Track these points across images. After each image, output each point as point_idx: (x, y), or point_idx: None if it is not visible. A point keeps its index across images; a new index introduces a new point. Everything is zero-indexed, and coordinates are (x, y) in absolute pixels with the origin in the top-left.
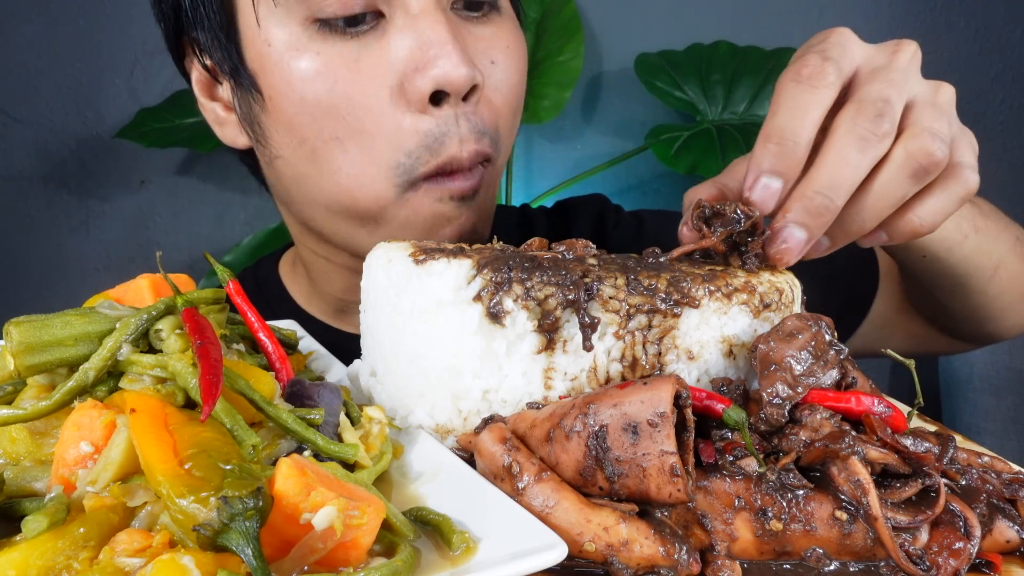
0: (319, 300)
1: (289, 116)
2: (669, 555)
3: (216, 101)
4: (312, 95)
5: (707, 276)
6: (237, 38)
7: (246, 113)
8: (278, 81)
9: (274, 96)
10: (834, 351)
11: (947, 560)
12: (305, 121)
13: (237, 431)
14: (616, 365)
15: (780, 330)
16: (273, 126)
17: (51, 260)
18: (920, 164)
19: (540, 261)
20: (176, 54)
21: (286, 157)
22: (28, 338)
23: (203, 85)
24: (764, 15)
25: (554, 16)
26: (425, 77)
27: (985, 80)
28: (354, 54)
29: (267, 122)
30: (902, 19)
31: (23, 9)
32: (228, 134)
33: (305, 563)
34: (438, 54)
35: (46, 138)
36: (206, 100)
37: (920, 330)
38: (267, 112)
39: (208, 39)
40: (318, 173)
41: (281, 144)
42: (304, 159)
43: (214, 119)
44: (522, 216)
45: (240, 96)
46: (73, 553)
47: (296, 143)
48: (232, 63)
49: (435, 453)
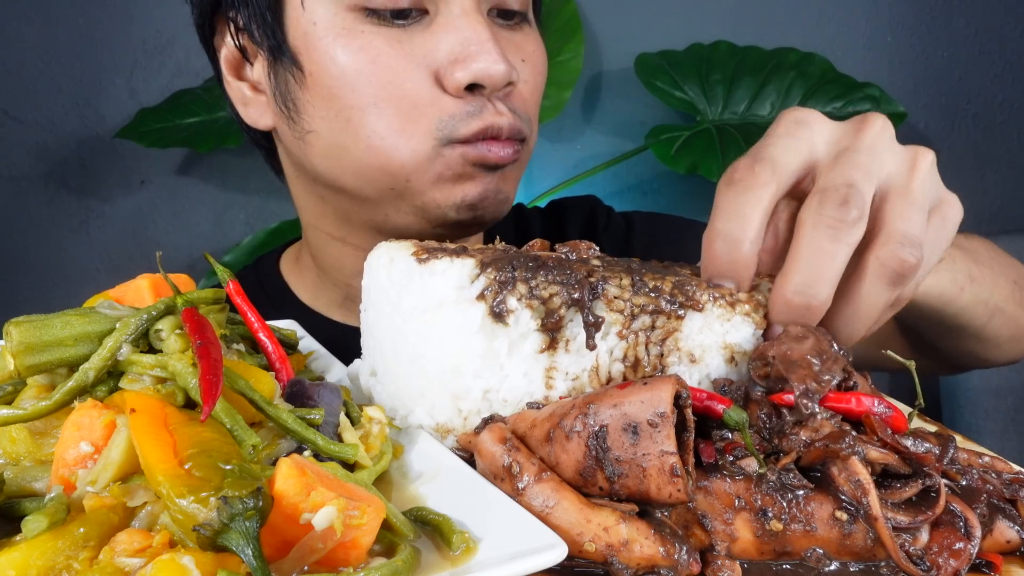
0: (326, 291)
1: (329, 88)
2: (669, 555)
3: (243, 81)
4: (354, 66)
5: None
6: (281, 17)
7: (282, 90)
8: (321, 56)
9: (315, 71)
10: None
11: (947, 560)
12: (344, 93)
13: (237, 431)
14: (618, 365)
15: (788, 334)
16: (311, 100)
17: (51, 260)
18: (895, 271)
19: (544, 260)
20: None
21: (319, 130)
22: (28, 338)
23: (231, 64)
24: (764, 15)
25: (554, 16)
26: (466, 70)
27: (985, 80)
28: (397, 37)
29: (304, 97)
30: (902, 19)
31: (23, 9)
32: (251, 114)
33: (305, 563)
34: (480, 51)
35: (46, 138)
36: (233, 79)
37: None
38: (306, 87)
39: (250, 17)
40: (352, 141)
41: (316, 117)
42: (339, 130)
43: (239, 98)
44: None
45: (277, 73)
46: (73, 553)
47: (333, 114)
48: (276, 41)
49: (435, 453)
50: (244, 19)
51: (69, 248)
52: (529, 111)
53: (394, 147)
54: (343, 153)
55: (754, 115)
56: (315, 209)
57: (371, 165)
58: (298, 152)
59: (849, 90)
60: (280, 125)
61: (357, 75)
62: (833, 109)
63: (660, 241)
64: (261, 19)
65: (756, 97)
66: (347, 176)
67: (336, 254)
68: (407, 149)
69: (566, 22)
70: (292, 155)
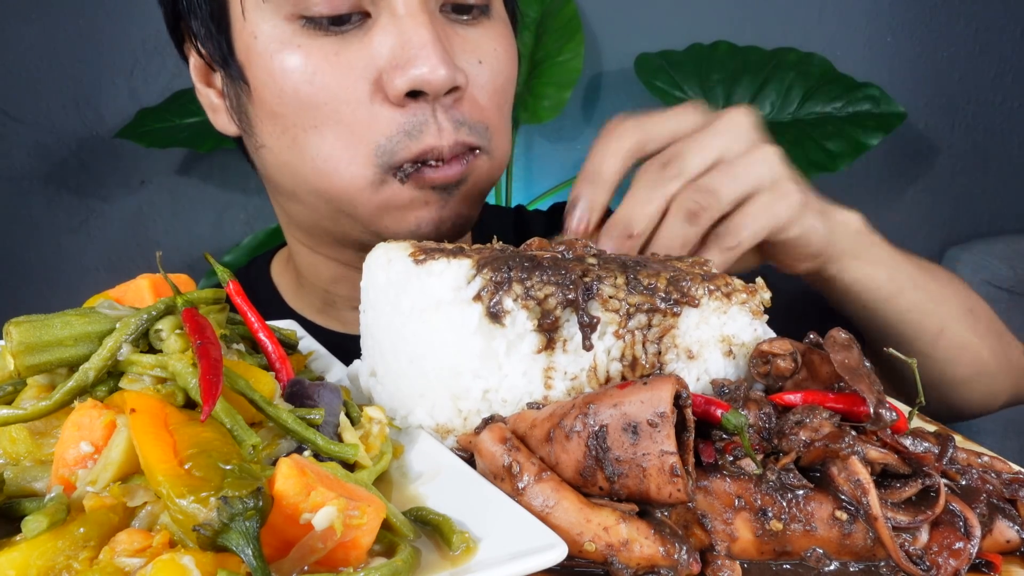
0: (306, 294)
1: (271, 106)
2: (669, 555)
3: (211, 87)
4: (292, 87)
5: (706, 275)
6: (228, 29)
7: (234, 102)
8: (261, 72)
9: (258, 87)
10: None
11: (947, 560)
12: (286, 111)
13: (237, 431)
14: (616, 364)
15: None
16: (258, 115)
17: (51, 260)
18: (688, 210)
19: (540, 260)
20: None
21: (270, 146)
22: (28, 338)
23: (199, 71)
24: (764, 15)
25: (554, 16)
26: (404, 76)
27: (985, 80)
28: (335, 48)
29: (253, 111)
30: (902, 19)
31: (23, 9)
32: (220, 121)
33: (305, 563)
34: (418, 55)
35: (46, 138)
36: (202, 86)
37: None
38: (253, 102)
39: (200, 28)
40: (299, 161)
41: (265, 133)
42: (286, 148)
43: (208, 105)
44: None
45: (229, 85)
46: (73, 553)
47: (279, 132)
48: (222, 53)
49: (435, 453)
50: (196, 28)
51: (69, 248)
52: (486, 117)
53: (335, 171)
54: (292, 171)
55: None
56: (284, 219)
57: (318, 187)
58: (257, 163)
59: (849, 90)
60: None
61: (295, 94)
62: (833, 109)
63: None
64: (208, 30)
65: (756, 97)
66: (300, 192)
67: (310, 260)
68: (348, 175)
69: (566, 22)
70: (256, 165)
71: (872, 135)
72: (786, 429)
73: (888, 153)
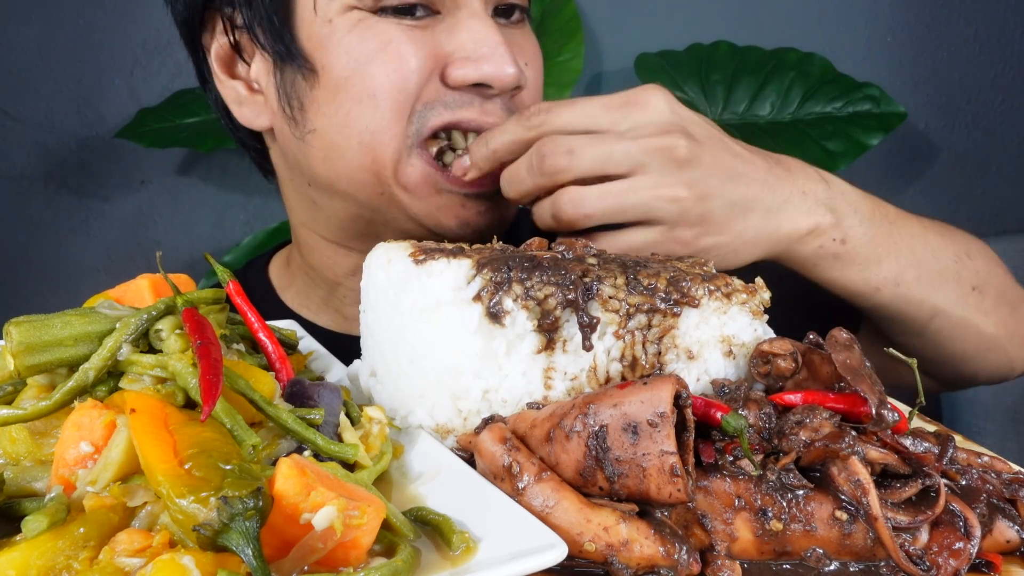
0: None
1: (337, 80)
2: (669, 555)
3: (236, 79)
4: (367, 53)
5: (706, 276)
6: (291, 20)
7: (287, 90)
8: (335, 48)
9: (328, 64)
10: None
11: (947, 560)
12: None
13: (237, 431)
14: (616, 365)
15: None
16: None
17: (51, 260)
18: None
19: (540, 261)
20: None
21: (320, 129)
22: (28, 338)
23: (224, 61)
24: (764, 15)
25: (554, 16)
26: (477, 69)
27: (985, 80)
28: (407, 36)
29: (311, 96)
30: (902, 19)
31: (23, 9)
32: (247, 114)
33: (305, 563)
34: (492, 53)
35: (46, 138)
36: (225, 77)
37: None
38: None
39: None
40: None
41: (320, 115)
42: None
43: (233, 97)
44: None
45: (284, 73)
46: (73, 553)
47: (333, 110)
48: (283, 44)
49: (435, 453)
50: (245, 18)
51: (69, 248)
52: None
53: (379, 142)
54: (338, 155)
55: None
56: (307, 212)
57: (361, 165)
58: (296, 153)
59: (849, 90)
60: (279, 125)
61: (369, 61)
62: (833, 109)
63: None
64: (267, 22)
65: (756, 97)
66: (342, 181)
67: (329, 253)
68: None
69: (566, 22)
70: (289, 157)
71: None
72: (786, 429)
73: (888, 153)
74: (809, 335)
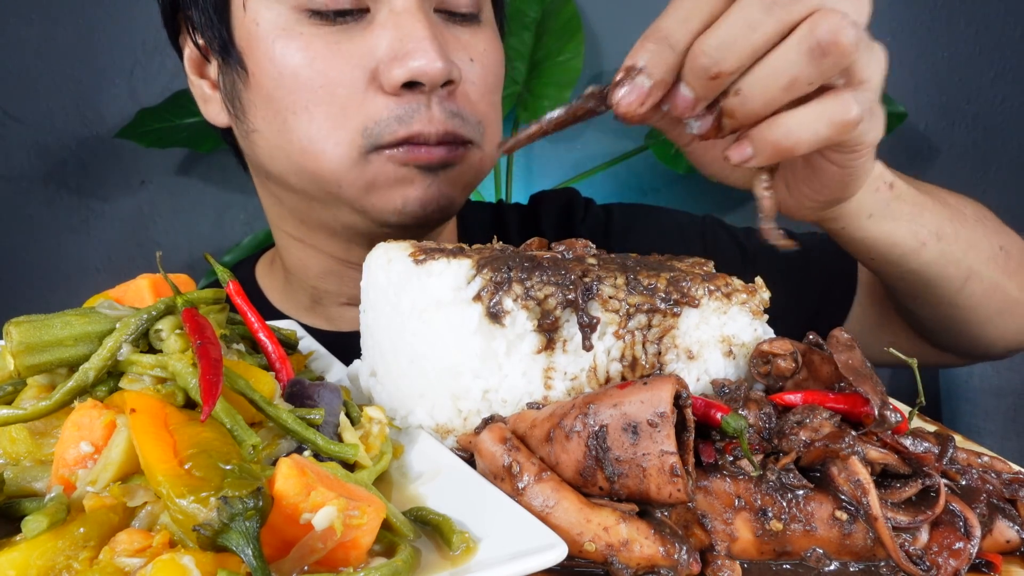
0: (293, 294)
1: (268, 90)
2: (669, 555)
3: (204, 79)
4: (291, 70)
5: (706, 276)
6: (228, 18)
7: (229, 89)
8: (262, 57)
9: (257, 71)
10: None
11: (947, 560)
12: (282, 94)
13: (237, 431)
14: (616, 365)
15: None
16: (252, 100)
17: (51, 260)
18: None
19: (540, 261)
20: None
21: (261, 130)
22: (28, 338)
23: (194, 63)
24: None
25: (554, 16)
26: (403, 67)
27: (985, 80)
28: (336, 39)
29: (247, 97)
30: (902, 19)
31: (23, 9)
32: (211, 111)
33: (305, 563)
34: (417, 48)
35: (46, 138)
36: (196, 77)
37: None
38: (249, 87)
39: (200, 17)
40: (287, 142)
41: (258, 117)
42: (276, 131)
43: (200, 95)
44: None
45: (225, 73)
46: (73, 553)
47: (271, 115)
48: (221, 41)
49: (435, 453)
50: (196, 18)
51: (69, 248)
52: (480, 112)
53: (322, 152)
54: (282, 155)
55: None
56: (274, 209)
57: (305, 167)
58: (248, 150)
59: None
60: (232, 123)
61: (294, 77)
62: None
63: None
64: (208, 19)
65: None
66: (290, 176)
67: (299, 255)
68: (334, 155)
69: (566, 22)
70: (246, 155)
71: None
72: (786, 429)
73: (888, 153)
74: (809, 335)
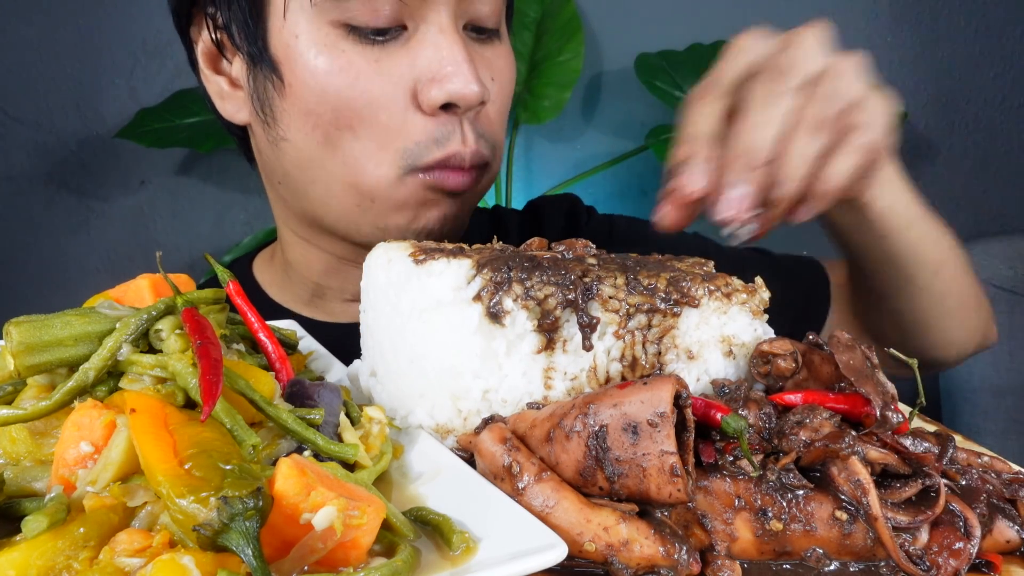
0: (293, 286)
1: (309, 105)
2: (669, 555)
3: (220, 75)
4: (334, 88)
5: (706, 276)
6: (264, 23)
7: (260, 94)
8: (301, 71)
9: (295, 84)
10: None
11: (947, 560)
12: (324, 111)
13: (237, 431)
14: (616, 365)
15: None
16: (288, 111)
17: (51, 260)
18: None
19: (540, 261)
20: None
21: (294, 140)
22: (28, 338)
23: (208, 57)
24: (764, 15)
25: (554, 16)
26: (441, 89)
27: (985, 80)
28: (376, 56)
29: (281, 106)
30: (902, 19)
31: (23, 9)
32: (228, 108)
33: (305, 563)
34: (456, 72)
35: (46, 138)
36: (210, 72)
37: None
38: (284, 98)
39: (231, 19)
40: (328, 156)
41: (292, 128)
42: (315, 144)
43: (216, 91)
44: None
45: (256, 77)
46: (73, 553)
47: (309, 128)
48: (256, 48)
49: (435, 453)
50: (224, 18)
51: (69, 248)
52: (495, 133)
53: (365, 170)
54: (316, 166)
55: None
56: (282, 209)
57: (343, 180)
58: (270, 155)
59: None
60: (255, 125)
61: (338, 97)
62: None
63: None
64: (243, 24)
65: None
66: (315, 187)
67: (303, 251)
68: (377, 173)
69: (566, 22)
70: (264, 156)
71: None
72: (786, 429)
73: None
74: (809, 335)
